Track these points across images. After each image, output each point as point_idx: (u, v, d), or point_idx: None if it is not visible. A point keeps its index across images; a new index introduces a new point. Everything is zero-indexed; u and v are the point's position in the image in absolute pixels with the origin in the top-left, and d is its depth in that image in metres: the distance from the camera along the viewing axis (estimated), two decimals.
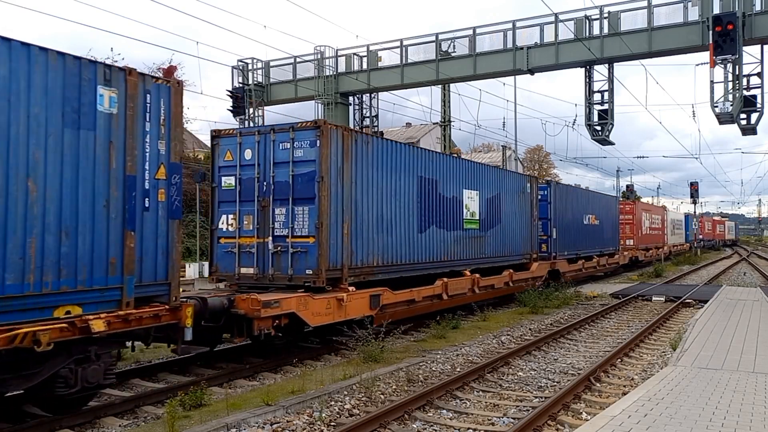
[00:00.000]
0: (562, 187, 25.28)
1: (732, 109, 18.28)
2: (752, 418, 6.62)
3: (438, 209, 14.94)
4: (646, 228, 39.69)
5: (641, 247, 37.93)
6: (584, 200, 26.75)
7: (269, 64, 26.57)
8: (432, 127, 51.21)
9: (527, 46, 21.63)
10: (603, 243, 28.90)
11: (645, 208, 41.50)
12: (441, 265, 15.11)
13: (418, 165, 14.04)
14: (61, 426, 7.27)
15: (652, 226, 42.13)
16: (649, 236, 40.80)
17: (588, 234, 26.48)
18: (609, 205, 30.95)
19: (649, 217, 41.51)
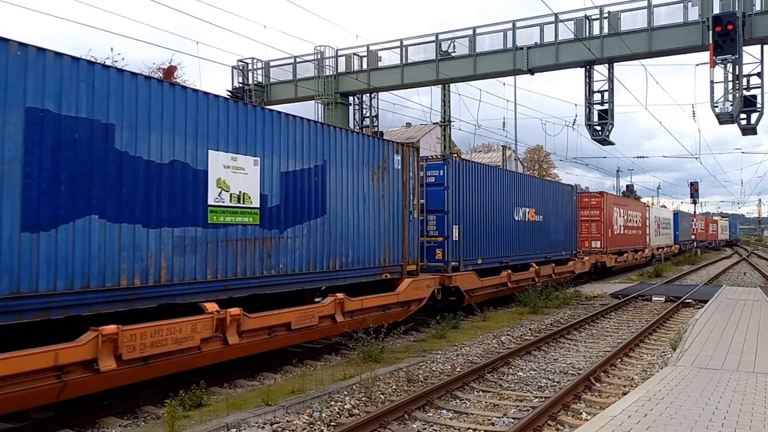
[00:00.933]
0: (473, 166, 17.22)
1: (732, 109, 18.28)
2: (752, 418, 6.62)
3: None
4: (619, 227, 32.67)
5: (612, 251, 30.86)
6: (516, 188, 19.67)
7: (269, 64, 26.58)
8: (432, 127, 51.22)
9: (527, 46, 21.64)
10: (549, 246, 22.10)
11: (618, 203, 33.67)
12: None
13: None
14: (62, 426, 7.27)
15: (629, 224, 34.82)
16: (623, 237, 33.45)
17: (523, 234, 19.90)
18: (562, 197, 23.77)
19: (624, 213, 33.81)
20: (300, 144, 10.63)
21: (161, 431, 7.07)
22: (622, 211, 33.38)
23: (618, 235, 32.23)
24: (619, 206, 33.24)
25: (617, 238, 32.13)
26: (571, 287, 21.98)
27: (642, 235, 38.04)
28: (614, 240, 31.49)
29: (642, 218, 38.25)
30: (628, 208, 35.19)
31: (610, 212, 31.05)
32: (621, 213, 33.12)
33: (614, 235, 31.52)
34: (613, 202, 32.05)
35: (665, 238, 46.81)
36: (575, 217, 25.48)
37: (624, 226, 33.50)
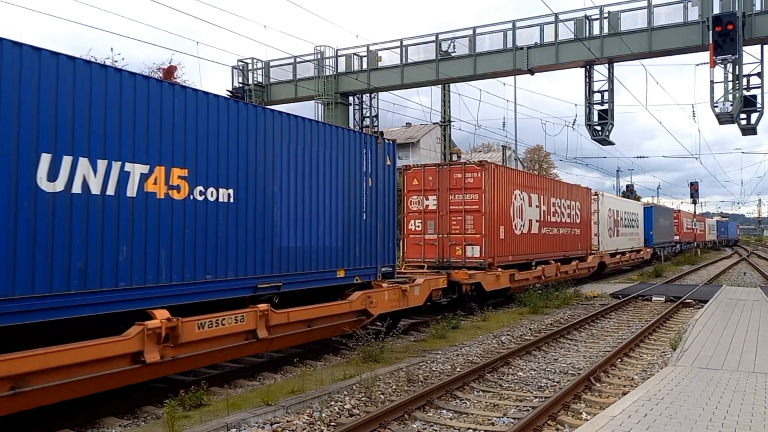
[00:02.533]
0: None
1: (732, 109, 18.29)
2: (752, 418, 6.62)
3: None
4: (525, 223, 20.02)
5: (507, 262, 18.54)
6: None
7: (269, 64, 26.59)
8: (432, 127, 51.20)
9: (527, 46, 21.64)
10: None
11: (526, 184, 20.51)
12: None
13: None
14: (62, 426, 7.27)
15: (554, 219, 22.59)
16: (538, 239, 21.10)
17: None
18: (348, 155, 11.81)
19: (542, 201, 21.43)
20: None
21: (161, 431, 7.07)
22: (535, 198, 20.76)
23: (524, 236, 19.80)
24: (529, 189, 20.34)
25: (522, 241, 19.64)
26: (571, 287, 21.95)
27: (583, 236, 25.86)
28: (512, 244, 18.83)
29: (583, 211, 26.00)
30: (551, 194, 22.40)
31: (505, 197, 18.52)
32: (533, 200, 20.59)
33: (513, 236, 18.94)
34: (510, 180, 19.04)
35: (629, 240, 34.54)
36: (374, 196, 12.51)
37: (542, 222, 21.26)
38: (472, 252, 17.24)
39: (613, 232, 31.50)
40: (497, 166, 18.53)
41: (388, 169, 12.86)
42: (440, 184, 17.62)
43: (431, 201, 17.74)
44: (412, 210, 18.02)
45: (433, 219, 17.68)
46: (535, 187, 21.33)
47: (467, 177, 17.46)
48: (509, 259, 18.68)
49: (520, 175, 21.15)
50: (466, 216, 17.41)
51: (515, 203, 19.21)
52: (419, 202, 17.91)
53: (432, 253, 17.61)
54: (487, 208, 17.28)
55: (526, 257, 20.09)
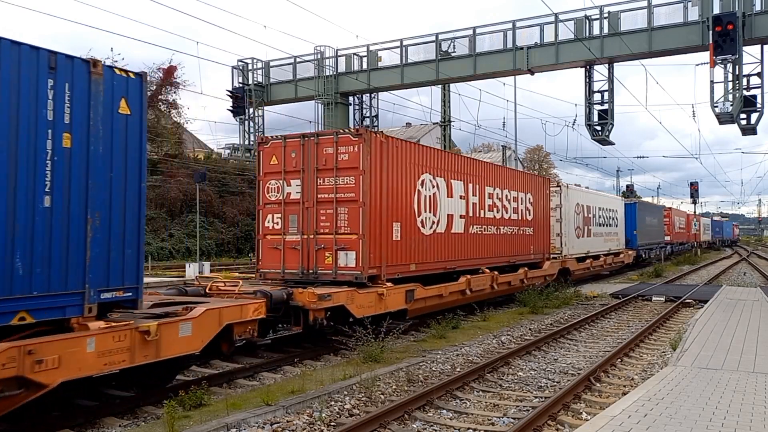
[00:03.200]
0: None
1: (732, 109, 18.31)
2: (752, 418, 6.62)
3: None
4: (446, 219, 15.15)
5: (411, 274, 13.59)
6: None
7: (269, 64, 26.60)
8: (432, 127, 51.24)
9: (527, 46, 21.66)
10: None
11: (453, 168, 15.57)
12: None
13: None
14: (62, 426, 7.27)
15: (494, 215, 17.63)
16: (466, 241, 16.05)
17: None
18: None
19: (477, 190, 16.67)
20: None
21: (161, 431, 7.07)
22: (459, 186, 15.62)
23: (439, 237, 14.67)
24: (448, 174, 15.19)
25: (435, 244, 14.54)
26: (570, 287, 21.96)
27: (538, 237, 20.78)
28: (416, 248, 13.74)
29: (539, 206, 20.95)
30: (487, 182, 17.23)
31: (404, 183, 13.43)
32: (455, 189, 15.44)
33: (419, 237, 13.87)
34: (413, 160, 13.80)
35: (605, 242, 29.40)
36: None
37: (470, 218, 16.17)
38: (345, 260, 12.13)
39: (583, 231, 25.83)
40: (387, 137, 12.87)
41: (124, 121, 7.51)
42: (306, 163, 12.57)
43: (294, 187, 12.72)
44: (270, 200, 13.03)
45: (296, 213, 12.66)
46: (460, 171, 15.87)
47: (341, 153, 12.24)
48: (411, 270, 13.51)
49: (431, 153, 14.82)
50: (338, 208, 12.22)
51: (423, 192, 14.04)
52: (279, 189, 12.90)
53: (294, 262, 12.57)
54: (368, 197, 12.02)
55: (444, 265, 14.92)
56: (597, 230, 28.15)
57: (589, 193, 29.25)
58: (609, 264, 30.19)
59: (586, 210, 26.50)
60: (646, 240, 38.04)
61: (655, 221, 42.55)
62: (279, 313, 10.84)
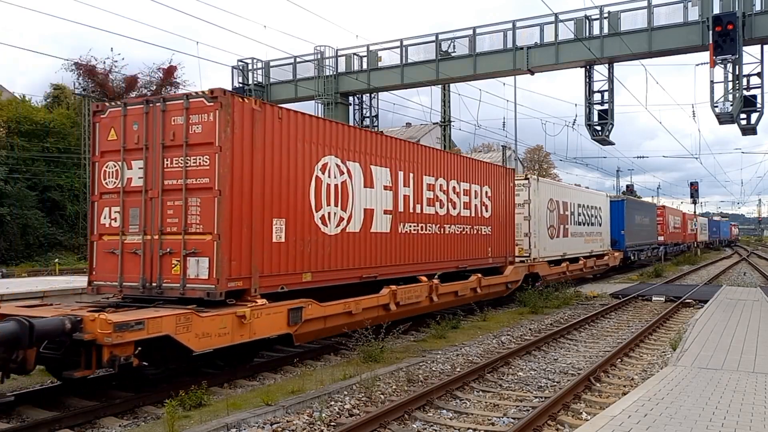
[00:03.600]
0: None
1: (732, 109, 18.30)
2: (752, 418, 6.62)
3: None
4: (361, 215, 12.01)
5: (304, 286, 10.49)
6: None
7: (269, 64, 26.60)
8: (432, 127, 51.24)
9: (527, 46, 21.65)
10: None
11: (373, 151, 12.36)
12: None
13: None
14: (61, 426, 7.27)
15: (435, 211, 14.64)
16: (393, 243, 12.95)
17: None
18: None
19: (411, 179, 13.68)
20: None
21: (161, 431, 7.07)
22: (384, 174, 12.72)
23: (350, 238, 11.67)
24: (367, 157, 12.22)
25: (345, 246, 11.54)
26: (571, 287, 21.93)
27: (498, 238, 17.92)
28: (312, 252, 10.67)
29: (498, 200, 18.08)
30: (427, 170, 14.32)
31: (293, 166, 10.35)
32: (379, 177, 12.54)
33: (318, 237, 10.84)
34: (307, 135, 10.69)
35: (586, 243, 26.39)
36: None
37: (400, 214, 13.24)
38: (196, 269, 9.05)
39: (558, 231, 22.82)
40: (264, 104, 9.90)
41: None
42: (150, 137, 9.46)
43: (136, 171, 9.57)
44: (107, 189, 9.85)
45: (138, 206, 9.52)
46: (387, 155, 12.69)
47: (192, 123, 9.20)
48: (304, 281, 10.40)
49: (340, 131, 11.47)
50: (189, 199, 9.17)
51: (326, 180, 10.94)
52: (117, 174, 9.74)
53: (135, 271, 9.44)
54: (227, 184, 8.99)
55: (359, 274, 11.80)
56: (576, 229, 25.19)
57: (565, 188, 25.82)
58: (590, 267, 26.62)
59: (561, 207, 23.41)
60: (635, 240, 35.27)
61: (647, 220, 39.67)
62: (59, 352, 7.69)
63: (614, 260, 30.51)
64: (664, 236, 44.68)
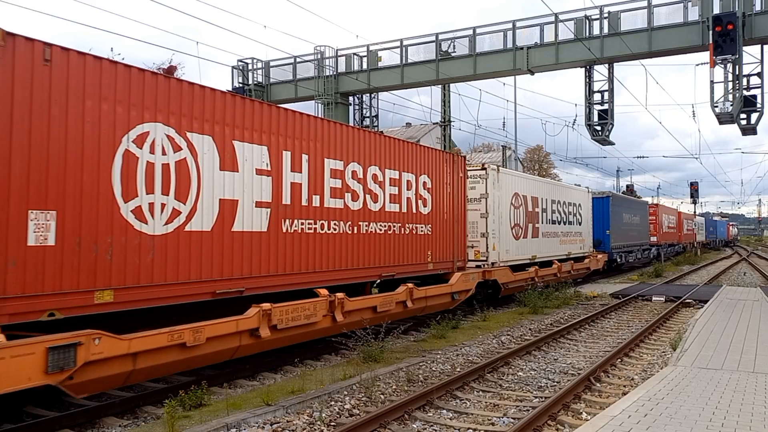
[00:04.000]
0: None
1: (732, 109, 18.29)
2: (752, 418, 6.62)
3: None
4: (212, 207, 8.90)
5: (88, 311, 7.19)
6: None
7: (269, 64, 26.59)
8: (432, 127, 51.22)
9: (527, 46, 21.64)
10: None
11: (243, 123, 9.36)
12: None
13: None
14: (62, 426, 7.27)
15: (344, 203, 11.63)
16: (266, 243, 9.79)
17: None
18: None
19: (305, 162, 10.60)
20: None
21: (161, 431, 7.07)
22: (262, 155, 9.73)
23: (192, 238, 8.54)
24: (230, 128, 9.18)
25: (180, 248, 8.34)
26: (571, 287, 21.91)
27: (444, 239, 15.17)
28: (125, 261, 7.63)
29: (444, 193, 15.27)
30: (328, 151, 11.20)
31: (84, 136, 7.24)
32: (247, 157, 9.46)
33: (132, 237, 7.74)
34: (118, 92, 7.64)
35: (561, 244, 23.40)
36: None
37: (295, 209, 10.50)
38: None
39: (525, 231, 19.85)
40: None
41: None
42: None
43: None
44: None
45: None
46: (264, 129, 9.79)
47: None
48: (95, 303, 7.33)
49: (171, 87, 8.43)
50: None
51: (144, 156, 7.97)
52: None
53: None
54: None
55: (211, 289, 8.83)
56: (549, 229, 22.14)
57: (536, 182, 22.43)
58: (567, 272, 23.52)
59: (531, 203, 20.43)
60: (623, 241, 32.37)
61: (637, 219, 36.56)
62: None
63: (597, 263, 27.28)
64: (657, 236, 42.07)
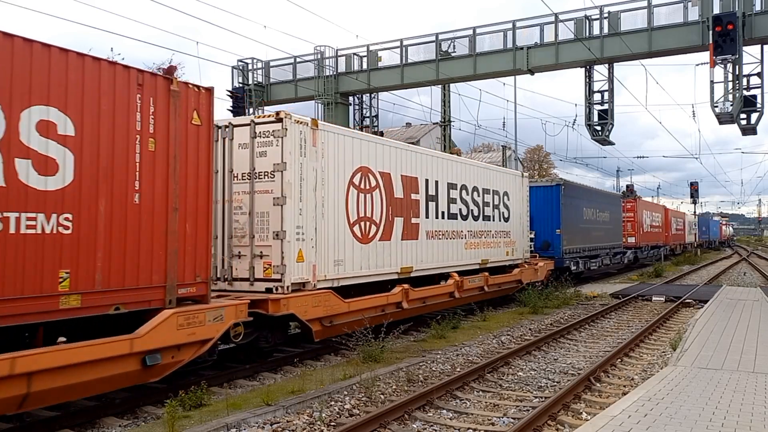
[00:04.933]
0: None
1: (732, 109, 18.30)
2: (752, 418, 6.62)
3: None
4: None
5: None
6: None
7: (269, 64, 26.59)
8: (432, 127, 51.21)
9: (527, 46, 21.65)
10: None
11: None
12: None
13: None
14: (62, 426, 7.27)
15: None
16: None
17: None
18: None
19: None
20: None
21: (161, 431, 7.07)
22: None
23: None
24: None
25: None
26: (571, 287, 21.87)
27: (115, 242, 7.40)
28: None
29: (120, 152, 7.43)
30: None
31: None
32: None
33: None
34: None
35: (464, 249, 16.30)
36: None
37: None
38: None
39: (386, 229, 13.06)
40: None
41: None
42: None
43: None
44: None
45: None
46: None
47: None
48: None
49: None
50: None
51: None
52: None
53: None
54: None
55: None
56: (443, 227, 15.31)
57: (415, 154, 14.50)
58: (477, 289, 16.60)
59: (402, 186, 13.65)
60: (582, 243, 25.73)
61: (605, 216, 29.56)
62: None
63: (535, 274, 20.36)
64: (636, 237, 35.86)
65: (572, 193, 25.18)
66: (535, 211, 22.08)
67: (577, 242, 25.19)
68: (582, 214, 26.28)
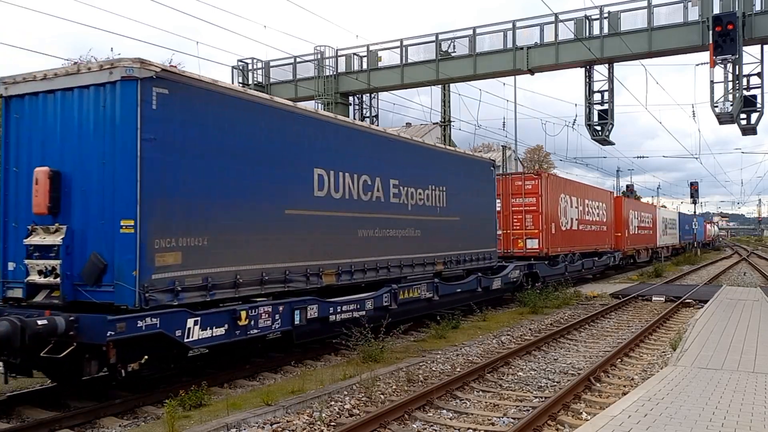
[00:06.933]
0: None
1: (732, 109, 18.30)
2: (752, 418, 6.62)
3: None
4: None
5: None
6: None
7: (269, 64, 26.59)
8: (432, 127, 51.18)
9: (527, 46, 21.64)
10: None
11: None
12: None
13: None
14: (61, 426, 7.27)
15: None
16: None
17: None
18: None
19: None
20: None
21: (161, 431, 7.07)
22: None
23: None
24: None
25: None
26: (570, 287, 21.87)
27: None
28: None
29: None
30: None
31: None
32: None
33: None
34: None
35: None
36: None
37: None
38: None
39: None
40: None
41: None
42: None
43: None
44: None
45: None
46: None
47: None
48: None
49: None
50: None
51: None
52: None
53: None
54: None
55: None
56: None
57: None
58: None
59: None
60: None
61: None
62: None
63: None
64: (543, 239, 21.24)
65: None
66: None
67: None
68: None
